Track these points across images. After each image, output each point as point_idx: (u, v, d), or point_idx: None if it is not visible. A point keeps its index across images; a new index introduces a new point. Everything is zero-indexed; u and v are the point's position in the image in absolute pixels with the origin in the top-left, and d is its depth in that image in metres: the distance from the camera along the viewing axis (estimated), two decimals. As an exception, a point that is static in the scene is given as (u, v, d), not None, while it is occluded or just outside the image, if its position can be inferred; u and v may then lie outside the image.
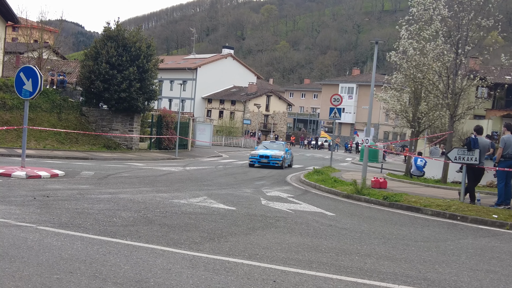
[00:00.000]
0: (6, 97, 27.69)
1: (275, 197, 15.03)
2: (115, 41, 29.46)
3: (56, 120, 28.10)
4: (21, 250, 7.28)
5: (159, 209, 11.32)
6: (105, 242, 8.05)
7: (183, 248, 7.99)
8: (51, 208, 10.57)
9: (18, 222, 9.02)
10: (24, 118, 16.65)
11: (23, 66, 17.19)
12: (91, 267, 6.71)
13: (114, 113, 30.28)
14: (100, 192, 13.50)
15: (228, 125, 65.93)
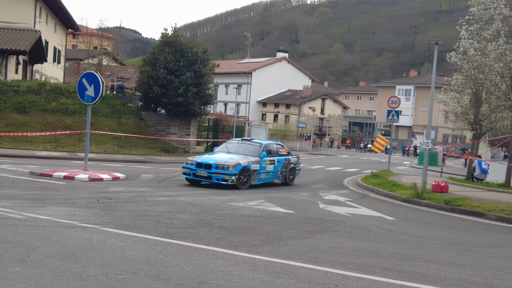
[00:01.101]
0: (68, 103, 28.64)
1: (332, 201, 14.90)
2: (172, 47, 29.99)
3: (116, 125, 28.85)
4: (86, 250, 7.49)
5: (217, 212, 11.42)
6: (166, 243, 8.18)
7: (242, 251, 8.02)
8: (114, 210, 10.84)
9: (82, 223, 9.29)
10: (87, 122, 17.16)
11: (86, 72, 17.74)
12: (154, 268, 6.83)
13: (172, 117, 30.80)
14: (159, 194, 13.74)
15: (283, 128, 65.90)
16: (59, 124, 27.23)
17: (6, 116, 26.83)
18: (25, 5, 32.80)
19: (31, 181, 14.72)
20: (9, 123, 26.59)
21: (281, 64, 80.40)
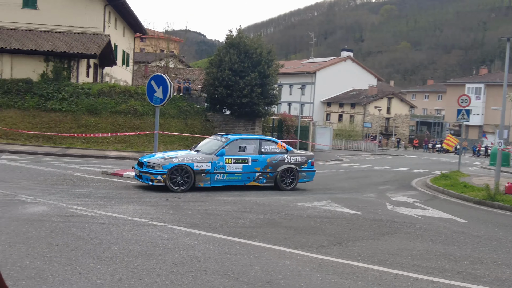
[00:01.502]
0: (137, 104, 29.44)
1: (401, 202, 14.59)
2: (237, 48, 30.27)
3: (183, 125, 29.41)
4: (157, 248, 7.66)
5: (284, 212, 11.42)
6: (234, 242, 8.25)
7: (310, 251, 7.98)
8: (183, 209, 11.05)
9: (153, 221, 9.52)
10: (155, 123, 17.57)
11: (154, 74, 18.16)
12: (223, 266, 6.90)
13: (237, 118, 31.10)
14: (226, 194, 13.88)
15: (348, 128, 65.18)
16: (128, 125, 28.04)
17: (78, 118, 27.89)
18: (95, 11, 33.97)
19: (103, 180, 15.22)
20: (82, 125, 27.62)
21: (346, 63, 79.54)
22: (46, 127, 27.08)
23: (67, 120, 27.78)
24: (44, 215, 9.67)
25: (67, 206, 10.54)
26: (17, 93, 28.74)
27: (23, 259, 6.78)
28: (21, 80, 29.30)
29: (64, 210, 10.20)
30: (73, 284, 5.92)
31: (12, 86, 28.96)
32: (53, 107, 28.22)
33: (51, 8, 33.25)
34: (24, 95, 28.68)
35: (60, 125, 27.53)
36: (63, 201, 11.10)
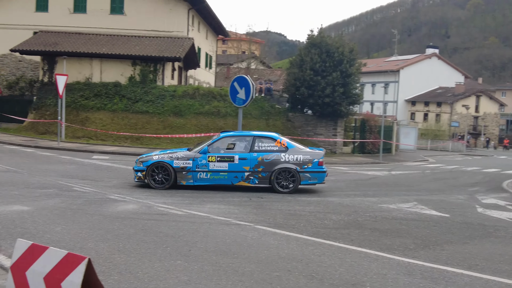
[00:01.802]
0: (220, 105, 29.96)
1: (492, 205, 13.94)
2: (319, 48, 30.08)
3: (265, 126, 29.59)
4: (242, 247, 7.74)
5: (368, 213, 11.22)
6: (318, 243, 8.19)
7: (397, 254, 7.79)
8: (266, 209, 11.11)
9: (237, 221, 9.63)
10: (238, 124, 17.79)
11: (237, 76, 18.40)
12: (307, 267, 6.87)
13: (318, 118, 30.91)
14: (309, 195, 13.82)
15: (434, 128, 63.17)
16: (212, 126, 28.58)
17: (164, 119, 28.77)
18: (179, 15, 34.89)
19: (188, 180, 15.58)
20: (167, 126, 28.46)
21: (431, 61, 77.13)
22: (134, 128, 28.12)
23: (154, 121, 28.72)
24: (134, 213, 10.03)
25: (155, 205, 10.88)
26: (106, 96, 30.04)
27: (114, 255, 7.05)
28: (110, 84, 30.60)
29: (152, 208, 10.54)
30: (162, 280, 6.10)
31: (102, 89, 30.31)
32: (141, 109, 29.27)
33: (137, 14, 34.50)
34: (113, 97, 29.93)
35: (147, 126, 28.51)
36: (151, 200, 11.47)
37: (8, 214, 9.43)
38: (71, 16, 34.93)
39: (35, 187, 12.74)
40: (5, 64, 36.26)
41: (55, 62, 31.66)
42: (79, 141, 26.98)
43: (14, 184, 13.10)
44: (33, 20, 35.04)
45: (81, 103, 29.84)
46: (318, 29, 31.67)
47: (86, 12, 34.98)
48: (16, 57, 35.54)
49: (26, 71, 36.16)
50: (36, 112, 30.72)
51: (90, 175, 15.54)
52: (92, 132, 27.92)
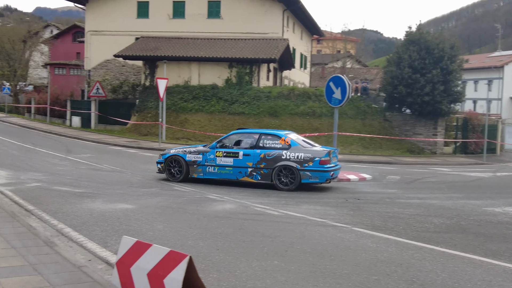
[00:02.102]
0: (315, 106, 29.84)
1: None
2: (417, 45, 29.14)
3: (361, 126, 29.13)
4: (339, 249, 7.65)
5: (472, 217, 10.70)
6: (418, 247, 7.92)
7: (503, 260, 7.37)
8: (363, 210, 10.91)
9: (334, 222, 9.53)
10: (334, 124, 17.63)
11: (333, 76, 18.23)
12: (407, 271, 6.66)
13: (417, 117, 29.95)
14: (408, 197, 13.42)
15: (543, 126, 59.25)
16: (307, 126, 28.53)
17: (260, 120, 29.09)
18: (274, 16, 35.16)
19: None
20: (263, 126, 28.73)
21: (541, 55, 72.43)
22: (231, 129, 28.61)
23: (250, 122, 29.12)
24: (231, 212, 10.21)
25: (252, 205, 11.01)
26: (204, 98, 30.87)
27: (213, 253, 7.21)
28: (208, 86, 31.41)
29: (249, 208, 10.67)
30: (260, 280, 6.15)
31: (200, 91, 31.19)
32: (237, 111, 29.80)
33: (233, 17, 35.15)
34: (210, 99, 30.70)
35: (243, 127, 28.93)
36: (248, 200, 11.63)
37: (113, 212, 9.92)
38: (171, 22, 36.22)
39: (138, 186, 13.32)
40: (110, 69, 38.22)
41: (156, 66, 32.96)
42: (179, 142, 27.88)
43: (119, 183, 13.76)
44: (135, 27, 36.70)
45: (180, 105, 30.86)
46: (416, 25, 30.75)
47: (185, 17, 36.13)
48: (119, 62, 37.37)
49: (129, 75, 37.92)
50: (139, 114, 32.12)
51: (189, 175, 15.99)
52: (191, 133, 28.77)
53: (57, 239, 7.78)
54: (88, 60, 38.88)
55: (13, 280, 5.68)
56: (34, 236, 7.68)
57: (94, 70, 38.61)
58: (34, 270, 6.05)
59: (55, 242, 7.48)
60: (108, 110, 34.65)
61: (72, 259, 6.63)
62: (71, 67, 52.95)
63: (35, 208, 10.01)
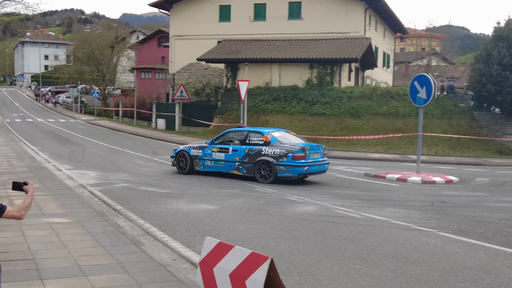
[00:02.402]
0: (398, 106, 29.12)
1: None
2: (506, 41, 27.78)
3: (447, 126, 28.13)
4: (424, 254, 7.42)
5: None
6: (509, 254, 7.56)
7: None
8: (449, 214, 10.52)
9: (418, 226, 9.26)
10: (419, 125, 17.14)
11: (418, 74, 17.73)
12: (496, 279, 6.37)
13: (507, 117, 28.52)
14: (498, 200, 12.81)
15: None
16: (390, 127, 27.92)
17: (341, 121, 28.78)
18: (355, 15, 34.67)
19: (366, 182, 15.40)
20: (344, 127, 28.43)
21: None
22: (311, 131, 28.55)
23: (330, 123, 28.88)
24: (312, 214, 10.17)
25: (333, 207, 10.91)
26: (285, 99, 30.95)
27: (294, 255, 7.20)
28: (288, 87, 31.45)
29: (330, 210, 10.58)
30: (341, 284, 6.08)
31: (280, 93, 31.30)
32: (317, 111, 29.65)
33: (314, 17, 34.99)
34: (291, 101, 30.74)
35: (324, 128, 28.78)
36: (329, 202, 11.53)
37: (197, 212, 10.14)
38: (252, 24, 36.60)
39: (220, 187, 13.55)
40: (193, 73, 39.15)
41: (238, 68, 33.40)
42: (260, 143, 28.09)
43: (202, 184, 14.07)
44: (217, 30, 37.39)
45: (261, 107, 31.11)
46: (505, 20, 29.25)
47: (266, 20, 36.39)
48: (202, 66, 38.19)
49: (211, 78, 38.67)
50: (221, 116, 32.68)
51: (270, 176, 16.07)
52: (272, 134, 28.90)
53: (143, 238, 8.07)
54: (173, 64, 40.01)
55: (102, 278, 5.94)
56: (122, 235, 7.99)
57: (178, 73, 39.69)
58: (122, 268, 6.30)
59: (142, 241, 7.75)
60: (191, 112, 35.51)
61: (158, 258, 6.84)
62: (156, 71, 54.75)
63: (122, 208, 10.43)
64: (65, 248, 7.13)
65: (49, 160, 18.80)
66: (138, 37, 72.93)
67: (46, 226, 8.42)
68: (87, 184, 13.57)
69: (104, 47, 57.24)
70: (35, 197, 10.83)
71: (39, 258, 6.59)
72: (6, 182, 12.46)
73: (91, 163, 18.48)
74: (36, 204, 10.10)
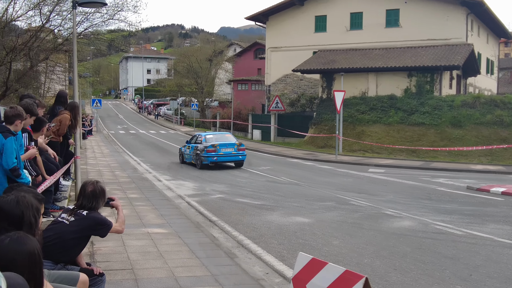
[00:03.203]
0: (503, 114, 27.56)
1: None
2: None
3: (558, 136, 26.26)
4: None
5: None
6: None
7: None
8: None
9: (526, 245, 8.66)
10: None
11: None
12: None
13: None
14: None
15: None
16: (494, 137, 26.49)
17: (441, 131, 27.68)
18: (456, 21, 33.31)
19: (468, 196, 14.65)
20: (444, 138, 27.32)
21: None
22: (410, 141, 27.71)
23: (430, 133, 27.88)
24: (409, 230, 9.80)
25: (432, 222, 10.46)
26: (381, 109, 30.28)
27: (390, 273, 6.97)
28: (385, 97, 30.75)
29: (429, 226, 10.15)
30: (440, 306, 5.78)
31: (377, 102, 30.67)
32: (416, 121, 28.72)
33: (412, 24, 34.02)
34: (388, 110, 30.02)
35: (423, 138, 27.82)
36: (428, 217, 11.07)
37: (290, 225, 10.11)
38: (347, 34, 36.24)
39: (314, 199, 13.43)
40: (288, 84, 39.33)
41: (333, 78, 33.16)
42: (355, 154, 27.67)
43: (296, 196, 14.02)
44: (312, 41, 37.35)
45: (357, 117, 30.64)
46: None
47: (362, 28, 35.89)
48: (297, 76, 38.27)
49: (306, 88, 38.66)
50: (316, 127, 32.54)
51: (366, 188, 15.75)
52: (368, 145, 28.37)
53: (237, 250, 8.14)
54: (268, 75, 40.44)
55: (196, 290, 6.04)
56: (216, 247, 8.11)
57: (274, 85, 40.03)
58: (215, 281, 6.37)
59: (235, 253, 7.82)
60: (286, 123, 35.67)
61: (251, 272, 6.86)
62: (253, 82, 55.58)
63: (218, 219, 10.61)
64: (162, 258, 7.34)
65: (149, 171, 19.57)
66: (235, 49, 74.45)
67: (145, 236, 8.73)
68: (185, 194, 13.97)
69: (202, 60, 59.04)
70: (137, 207, 11.31)
71: (137, 268, 6.83)
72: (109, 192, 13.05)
73: (189, 174, 19.03)
74: (137, 214, 10.51)
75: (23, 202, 3.10)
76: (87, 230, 4.92)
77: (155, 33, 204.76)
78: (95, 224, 4.95)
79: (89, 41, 23.51)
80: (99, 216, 5.04)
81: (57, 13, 19.01)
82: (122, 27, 23.30)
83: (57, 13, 19.06)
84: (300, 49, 37.34)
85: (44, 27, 19.43)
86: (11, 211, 3.05)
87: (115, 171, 19.03)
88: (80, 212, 4.95)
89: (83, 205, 5.01)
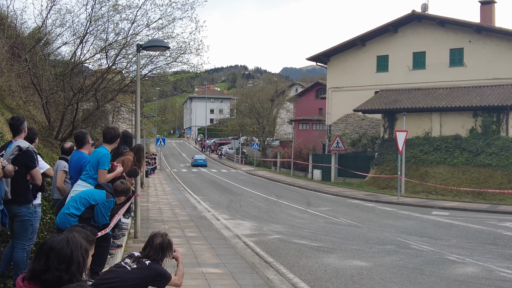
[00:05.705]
0: None
1: None
2: None
3: None
4: None
5: None
6: None
7: None
8: None
9: None
10: None
11: None
12: None
13: None
14: None
15: None
16: None
17: (509, 172, 26.57)
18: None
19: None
20: (512, 180, 26.25)
21: None
22: (476, 183, 26.77)
23: (497, 175, 26.84)
24: (473, 277, 9.38)
25: (497, 269, 9.98)
26: (446, 150, 29.50)
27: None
28: (450, 137, 29.98)
29: (493, 273, 9.69)
30: None
31: (441, 143, 29.93)
32: (482, 162, 27.75)
33: (477, 63, 33.25)
34: (453, 151, 29.20)
35: (489, 180, 26.81)
36: (493, 263, 10.57)
37: (347, 269, 9.88)
38: (410, 73, 35.81)
39: (373, 242, 13.11)
40: (349, 123, 39.05)
41: (395, 118, 32.70)
42: (418, 196, 26.95)
43: (355, 238, 13.74)
44: (374, 81, 37.12)
45: (420, 157, 29.95)
46: None
47: (425, 68, 35.37)
48: (359, 116, 37.97)
49: (368, 128, 38.25)
50: (377, 167, 32.01)
51: (429, 232, 15.25)
52: (432, 186, 27.59)
53: (291, 293, 8.01)
54: (329, 115, 40.34)
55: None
56: (270, 289, 8.01)
57: (335, 124, 39.87)
58: (267, 325, 6.27)
59: (289, 297, 7.70)
60: (347, 163, 35.31)
61: (304, 316, 6.72)
62: (314, 122, 55.58)
63: (273, 261, 10.51)
64: (215, 299, 7.32)
65: (209, 210, 19.73)
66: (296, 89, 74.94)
67: (200, 276, 8.75)
68: (242, 234, 13.95)
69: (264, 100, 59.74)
70: (193, 246, 11.40)
71: (190, 308, 6.82)
72: (168, 230, 13.24)
73: (247, 213, 19.03)
74: (193, 253, 10.58)
75: (73, 242, 3.20)
76: (147, 280, 4.98)
77: (219, 74, 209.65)
78: (156, 275, 5.01)
79: (153, 83, 24.28)
80: (161, 268, 5.09)
81: (122, 56, 19.79)
82: (185, 69, 23.91)
83: (122, 56, 19.84)
84: (362, 89, 37.16)
85: (111, 69, 20.24)
86: (62, 250, 3.15)
87: (175, 209, 19.31)
88: (143, 261, 5.00)
89: (149, 256, 5.07)
